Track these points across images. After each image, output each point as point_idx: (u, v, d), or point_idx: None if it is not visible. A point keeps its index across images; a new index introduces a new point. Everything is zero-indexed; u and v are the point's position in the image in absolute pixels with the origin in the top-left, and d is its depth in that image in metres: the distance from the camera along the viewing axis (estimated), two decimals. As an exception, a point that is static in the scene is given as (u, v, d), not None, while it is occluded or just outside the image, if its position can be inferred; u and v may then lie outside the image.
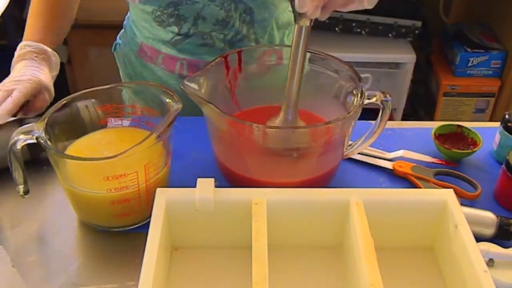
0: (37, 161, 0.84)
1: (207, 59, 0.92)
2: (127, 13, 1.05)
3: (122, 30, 1.07)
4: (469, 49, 1.99)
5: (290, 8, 0.92)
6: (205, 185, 0.65)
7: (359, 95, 0.74)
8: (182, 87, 0.72)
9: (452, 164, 0.87)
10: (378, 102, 0.76)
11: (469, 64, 2.00)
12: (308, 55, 0.87)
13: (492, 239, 0.73)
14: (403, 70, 2.01)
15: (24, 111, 0.83)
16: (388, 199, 0.67)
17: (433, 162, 0.87)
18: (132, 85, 0.95)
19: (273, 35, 0.97)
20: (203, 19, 0.89)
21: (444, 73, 2.05)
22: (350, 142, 0.81)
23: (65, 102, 0.74)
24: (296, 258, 0.69)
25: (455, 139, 0.90)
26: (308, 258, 0.70)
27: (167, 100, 0.74)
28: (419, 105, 2.22)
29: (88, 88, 0.77)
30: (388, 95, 0.76)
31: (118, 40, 1.09)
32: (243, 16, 0.90)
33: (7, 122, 0.82)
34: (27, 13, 1.01)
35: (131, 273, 0.68)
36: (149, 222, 0.62)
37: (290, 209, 0.67)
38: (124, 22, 1.06)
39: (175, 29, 0.92)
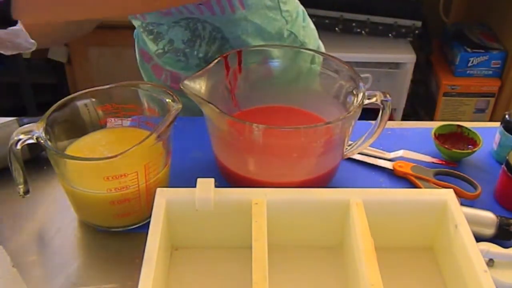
0: (37, 161, 0.84)
1: (186, 73, 0.94)
2: None
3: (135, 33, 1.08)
4: (469, 49, 1.99)
5: (278, 17, 0.91)
6: (205, 185, 0.65)
7: (359, 95, 0.74)
8: (182, 87, 0.72)
9: (452, 164, 0.87)
10: (378, 102, 0.76)
11: (469, 64, 2.00)
12: (307, 55, 0.88)
13: (492, 239, 0.73)
14: (403, 70, 2.02)
15: None
16: (388, 199, 0.67)
17: (433, 162, 0.87)
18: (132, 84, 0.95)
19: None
20: (175, 36, 0.92)
21: (444, 73, 2.05)
22: (350, 142, 0.81)
23: (65, 102, 0.74)
24: (296, 258, 0.69)
25: (455, 139, 0.90)
26: (308, 258, 0.70)
27: (167, 100, 0.74)
28: (419, 105, 2.22)
29: (88, 88, 0.77)
30: (388, 95, 0.76)
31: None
32: (213, 34, 0.90)
33: (7, 122, 0.82)
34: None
35: (131, 273, 0.67)
36: (149, 222, 0.62)
37: (290, 209, 0.67)
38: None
39: (155, 45, 0.95)
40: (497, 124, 0.88)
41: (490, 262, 0.69)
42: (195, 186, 0.65)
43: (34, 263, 0.71)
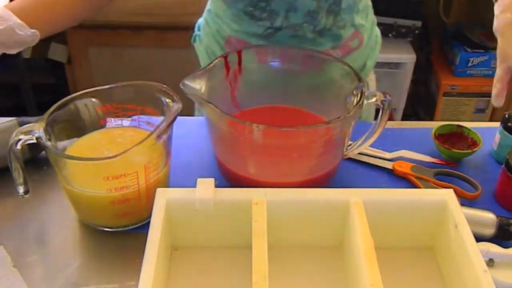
0: (37, 161, 0.84)
1: (297, 48, 0.93)
2: (204, 6, 1.05)
3: (202, 22, 1.05)
4: (469, 49, 1.99)
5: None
6: (205, 185, 0.65)
7: (359, 95, 0.74)
8: (182, 87, 0.72)
9: (452, 164, 0.87)
10: (378, 102, 0.76)
11: (469, 64, 2.00)
12: (308, 55, 0.88)
13: (492, 239, 0.73)
14: (403, 70, 2.01)
15: None
16: (388, 199, 0.67)
17: (433, 162, 0.87)
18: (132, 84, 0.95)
19: (355, 21, 0.97)
20: (294, 11, 0.90)
21: (444, 73, 2.05)
22: (350, 142, 0.81)
23: (65, 102, 0.74)
24: (296, 258, 0.69)
25: (455, 139, 0.90)
26: (308, 258, 0.70)
27: (167, 100, 0.74)
28: (419, 105, 2.22)
29: (88, 88, 0.77)
30: (388, 95, 0.76)
31: (197, 32, 1.09)
32: (332, 7, 0.91)
33: (7, 122, 0.82)
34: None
35: (131, 273, 0.68)
36: (149, 222, 0.62)
37: (290, 209, 0.67)
38: (204, 16, 1.05)
39: (267, 23, 0.92)
40: (497, 124, 0.88)
41: (490, 262, 0.69)
42: (195, 186, 0.65)
43: (34, 263, 0.71)
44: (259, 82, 0.87)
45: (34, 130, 0.69)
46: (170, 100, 0.74)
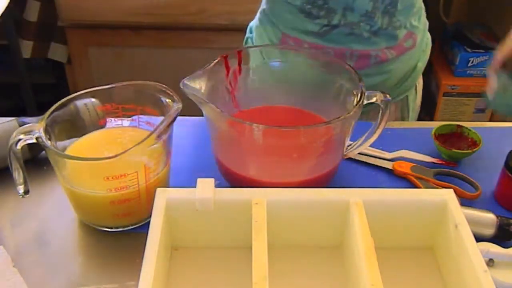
0: (37, 161, 0.84)
1: (353, 47, 0.95)
2: (259, 7, 1.06)
3: (256, 24, 1.06)
4: (469, 49, 1.99)
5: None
6: (205, 185, 0.65)
7: (359, 95, 0.74)
8: (181, 87, 0.72)
9: (452, 164, 0.87)
10: (378, 102, 0.76)
11: (469, 64, 2.00)
12: (308, 54, 0.88)
13: (492, 239, 0.73)
14: (403, 70, 2.01)
15: None
16: (388, 199, 0.67)
17: (433, 162, 0.87)
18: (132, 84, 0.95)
19: (410, 22, 0.99)
20: (351, 11, 0.91)
21: (444, 73, 2.05)
22: (350, 142, 0.81)
23: (65, 102, 0.74)
24: (296, 258, 0.69)
25: (455, 139, 0.90)
26: (308, 258, 0.70)
27: (167, 100, 0.74)
28: (419, 105, 2.22)
29: (88, 88, 0.77)
30: (388, 95, 0.76)
31: (249, 34, 1.10)
32: (388, 8, 0.92)
33: (7, 122, 0.82)
34: (27, 13, 1.01)
35: (131, 273, 0.68)
36: (149, 222, 0.62)
37: (290, 209, 0.67)
38: (258, 16, 1.06)
39: (324, 21, 0.93)
40: (497, 124, 0.88)
41: (490, 262, 0.69)
42: (195, 186, 0.65)
43: (34, 263, 0.71)
44: (259, 82, 0.87)
45: (34, 130, 0.69)
46: (170, 100, 0.74)
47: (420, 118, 1.23)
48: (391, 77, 1.01)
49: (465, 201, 0.79)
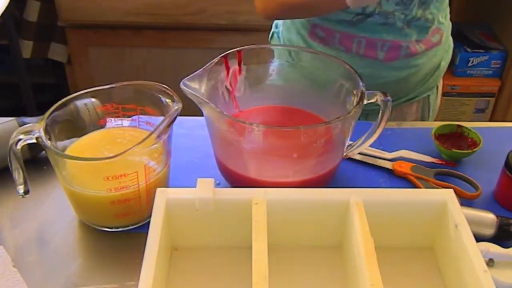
0: (37, 161, 0.84)
1: (385, 37, 0.96)
2: None
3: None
4: (469, 49, 1.99)
5: None
6: (205, 185, 0.65)
7: (359, 95, 0.74)
8: (181, 87, 0.72)
9: (452, 164, 0.87)
10: (378, 102, 0.76)
11: (469, 64, 2.00)
12: (308, 55, 0.88)
13: (492, 239, 0.73)
14: (403, 70, 2.01)
15: None
16: (388, 199, 0.67)
17: (433, 162, 0.87)
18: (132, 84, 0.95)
19: (439, 17, 1.01)
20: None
21: (444, 73, 2.04)
22: (350, 142, 0.81)
23: (65, 102, 0.74)
24: (296, 258, 0.69)
25: (455, 139, 0.90)
26: (308, 258, 0.70)
27: (167, 100, 0.74)
28: (419, 105, 2.22)
29: (88, 88, 0.77)
30: (388, 95, 0.76)
31: (275, 29, 1.10)
32: None
33: (7, 122, 0.82)
34: (27, 13, 1.00)
35: (131, 273, 0.68)
36: (149, 222, 0.62)
37: (290, 209, 0.67)
38: None
39: (359, 9, 0.94)
40: (497, 124, 0.88)
41: (490, 262, 0.69)
42: (195, 186, 0.65)
43: (34, 263, 0.71)
44: (259, 82, 0.87)
45: (34, 130, 0.69)
46: (170, 100, 0.74)
47: (420, 118, 1.23)
48: (418, 72, 1.02)
49: (465, 201, 0.79)
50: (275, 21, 1.11)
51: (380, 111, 0.77)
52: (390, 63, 0.98)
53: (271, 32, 1.13)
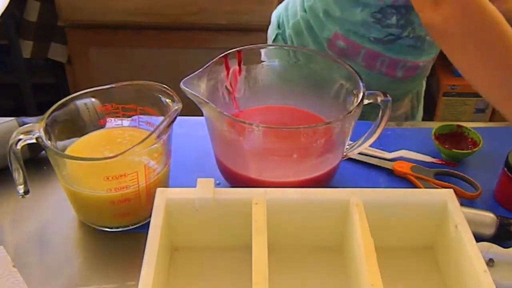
0: (37, 161, 0.84)
1: (409, 59, 0.97)
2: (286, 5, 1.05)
3: (294, 20, 1.03)
4: (469, 49, 1.99)
5: None
6: (205, 185, 0.65)
7: (359, 95, 0.74)
8: (181, 87, 0.72)
9: (452, 164, 0.87)
10: (378, 102, 0.76)
11: (469, 64, 2.00)
12: (308, 55, 0.88)
13: (492, 239, 0.73)
14: (403, 70, 2.01)
15: None
16: (388, 199, 0.67)
17: (433, 162, 0.87)
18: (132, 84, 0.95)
19: None
20: (416, 26, 0.92)
21: (444, 73, 2.05)
22: (350, 142, 0.81)
23: (65, 102, 0.74)
24: (296, 258, 0.69)
25: (455, 139, 0.90)
26: (308, 258, 0.70)
27: (167, 100, 0.74)
28: (419, 105, 2.22)
29: (88, 88, 0.77)
30: (388, 95, 0.76)
31: (278, 30, 1.08)
32: None
33: (7, 122, 0.82)
34: (27, 13, 1.00)
35: (131, 273, 0.67)
36: (149, 222, 0.62)
37: (290, 209, 0.67)
38: (300, 14, 1.02)
39: (397, 31, 0.93)
40: (497, 124, 0.88)
41: (490, 262, 0.69)
42: (195, 186, 0.65)
43: (34, 263, 0.71)
44: (259, 82, 0.87)
45: (34, 130, 0.69)
46: (170, 100, 0.74)
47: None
48: (421, 79, 1.07)
49: (465, 201, 0.79)
50: (278, 21, 1.08)
51: (380, 111, 0.77)
52: (404, 80, 0.99)
53: (273, 34, 1.09)
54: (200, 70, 0.76)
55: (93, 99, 0.77)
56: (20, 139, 0.69)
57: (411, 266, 0.69)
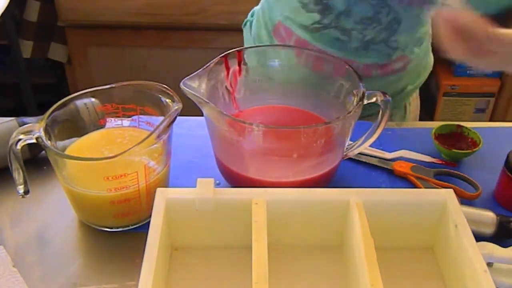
0: (37, 161, 0.84)
1: (336, 54, 0.90)
2: None
3: (258, 8, 1.04)
4: (469, 49, 1.99)
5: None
6: (205, 185, 0.65)
7: (359, 95, 0.74)
8: (181, 87, 0.72)
9: (452, 164, 0.87)
10: (378, 102, 0.76)
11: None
12: (308, 55, 0.88)
13: (492, 238, 0.73)
14: (403, 70, 2.01)
15: None
16: (388, 199, 0.67)
17: (433, 162, 0.87)
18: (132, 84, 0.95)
19: (408, 45, 0.95)
20: (347, 15, 0.88)
21: (444, 73, 2.05)
22: (350, 142, 0.81)
23: (65, 102, 0.74)
24: (296, 258, 0.69)
25: (455, 139, 0.90)
26: (308, 258, 0.70)
27: (167, 100, 0.74)
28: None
29: (88, 88, 0.77)
30: (388, 95, 0.76)
31: (250, 18, 1.08)
32: (392, 23, 0.89)
33: (7, 122, 0.82)
34: (27, 13, 1.00)
35: (131, 273, 0.68)
36: (149, 222, 0.62)
37: (290, 209, 0.67)
38: (261, 1, 1.04)
39: (317, 17, 0.91)
40: (497, 124, 0.88)
41: (490, 262, 0.69)
42: (195, 186, 0.65)
43: (34, 263, 0.71)
44: (259, 82, 0.87)
45: (34, 130, 0.69)
46: (170, 100, 0.74)
47: (420, 118, 1.23)
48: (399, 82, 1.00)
49: (465, 201, 0.79)
50: (252, 10, 1.07)
51: (380, 111, 0.77)
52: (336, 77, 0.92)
53: (245, 20, 1.09)
54: (200, 70, 0.76)
55: (93, 99, 0.77)
56: (20, 139, 0.69)
57: (411, 266, 0.69)
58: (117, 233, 0.75)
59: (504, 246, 0.71)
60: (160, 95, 0.75)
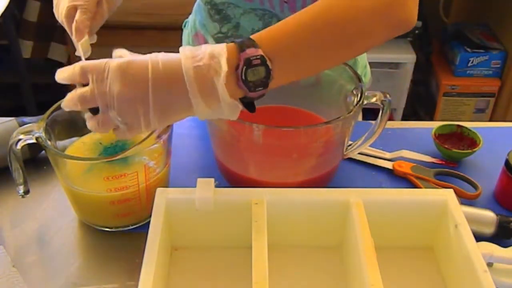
0: (37, 161, 0.84)
1: None
2: None
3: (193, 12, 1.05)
4: (469, 49, 1.99)
5: None
6: (205, 185, 0.65)
7: (359, 95, 0.74)
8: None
9: (452, 164, 0.87)
10: (378, 102, 0.76)
11: (469, 64, 2.00)
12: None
13: (492, 238, 0.73)
14: (403, 70, 2.01)
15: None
16: (388, 199, 0.67)
17: (433, 162, 0.87)
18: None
19: None
20: (239, 26, 0.89)
21: (444, 73, 2.05)
22: (350, 142, 0.81)
23: (65, 102, 0.74)
24: (296, 258, 0.69)
25: (455, 139, 0.90)
26: (308, 258, 0.70)
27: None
28: (419, 105, 2.22)
29: (88, 88, 0.77)
30: (388, 95, 0.76)
31: (188, 19, 1.08)
32: None
33: (6, 122, 0.82)
34: (27, 13, 1.00)
35: (131, 273, 0.68)
36: (149, 222, 0.62)
37: (290, 209, 0.67)
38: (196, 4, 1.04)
39: (218, 26, 0.92)
40: (497, 124, 0.88)
41: (490, 262, 0.69)
42: (195, 186, 0.65)
43: (34, 263, 0.71)
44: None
45: (34, 130, 0.69)
46: (170, 100, 0.73)
47: (420, 118, 1.23)
48: None
49: (465, 201, 0.79)
50: (192, 13, 1.06)
51: (380, 111, 0.77)
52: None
53: (184, 21, 1.09)
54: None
55: (93, 99, 0.77)
56: (20, 139, 0.69)
57: (411, 266, 0.69)
58: (117, 233, 0.75)
59: (504, 246, 0.71)
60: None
